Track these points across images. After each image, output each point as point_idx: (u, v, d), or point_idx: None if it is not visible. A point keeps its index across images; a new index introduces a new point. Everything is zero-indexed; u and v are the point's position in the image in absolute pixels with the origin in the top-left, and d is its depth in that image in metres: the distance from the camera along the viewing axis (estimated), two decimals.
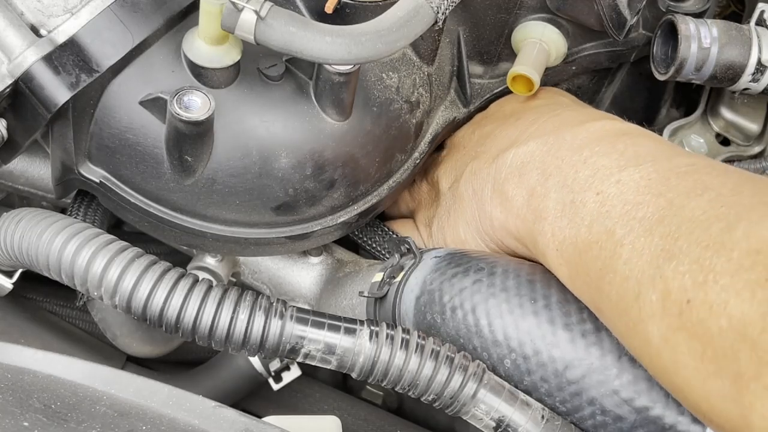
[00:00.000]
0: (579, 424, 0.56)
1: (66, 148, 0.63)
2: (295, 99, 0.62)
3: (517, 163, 0.65)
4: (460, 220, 0.71)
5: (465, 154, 0.75)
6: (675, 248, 0.48)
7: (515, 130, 0.70)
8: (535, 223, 0.61)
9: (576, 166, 0.60)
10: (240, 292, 0.56)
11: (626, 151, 0.58)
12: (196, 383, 0.84)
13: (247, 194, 0.63)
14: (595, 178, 0.57)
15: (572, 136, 0.63)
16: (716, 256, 0.45)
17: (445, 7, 0.57)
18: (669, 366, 0.47)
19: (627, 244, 0.51)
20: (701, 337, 0.44)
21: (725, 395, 0.43)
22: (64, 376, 0.49)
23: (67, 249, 0.56)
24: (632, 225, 0.52)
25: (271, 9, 0.53)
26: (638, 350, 0.51)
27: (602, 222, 0.54)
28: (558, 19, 0.75)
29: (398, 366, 0.55)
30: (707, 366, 0.44)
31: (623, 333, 0.52)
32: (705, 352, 0.44)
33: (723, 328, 0.43)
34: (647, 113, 0.89)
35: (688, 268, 0.46)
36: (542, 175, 0.62)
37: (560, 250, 0.57)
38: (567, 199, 0.58)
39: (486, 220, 0.67)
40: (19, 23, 0.58)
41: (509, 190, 0.64)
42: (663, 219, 0.50)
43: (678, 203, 0.51)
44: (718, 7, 0.92)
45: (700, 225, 0.48)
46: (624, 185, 0.55)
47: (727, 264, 0.44)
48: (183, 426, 0.47)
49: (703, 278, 0.45)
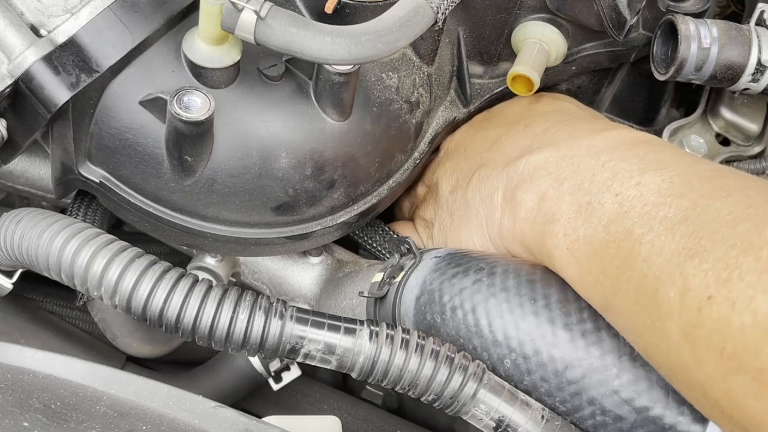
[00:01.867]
0: (579, 424, 0.56)
1: (66, 148, 0.63)
2: (295, 99, 0.62)
3: (529, 170, 0.65)
4: (464, 226, 0.71)
5: (468, 159, 0.75)
6: (698, 247, 0.48)
7: (526, 139, 0.70)
8: (545, 225, 0.60)
9: (593, 169, 0.59)
10: (240, 292, 0.56)
11: (647, 156, 0.58)
12: (196, 383, 0.84)
13: (247, 194, 0.63)
14: (615, 180, 0.57)
15: (588, 143, 0.63)
16: (743, 255, 0.45)
17: (445, 7, 0.57)
18: (688, 362, 0.47)
19: (646, 242, 0.51)
20: (722, 332, 0.44)
21: (746, 392, 0.43)
22: (64, 376, 0.49)
23: (67, 249, 0.56)
24: (652, 224, 0.52)
25: (271, 9, 0.53)
26: (655, 347, 0.51)
27: (621, 222, 0.54)
28: (558, 19, 0.75)
29: (398, 366, 0.55)
30: (727, 362, 0.44)
31: (639, 331, 0.52)
32: (725, 348, 0.44)
33: (746, 324, 0.43)
34: (647, 113, 0.89)
35: (712, 266, 0.46)
36: (556, 180, 0.62)
37: (571, 249, 0.57)
38: (583, 200, 0.58)
39: (494, 228, 0.67)
40: (19, 23, 0.58)
41: (519, 196, 0.64)
42: (686, 219, 0.50)
43: (702, 204, 0.50)
44: (718, 7, 0.92)
45: (725, 225, 0.48)
46: (644, 187, 0.55)
47: (756, 263, 0.44)
48: (183, 426, 0.47)
49: (727, 275, 0.45)
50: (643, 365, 0.54)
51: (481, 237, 0.69)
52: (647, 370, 0.54)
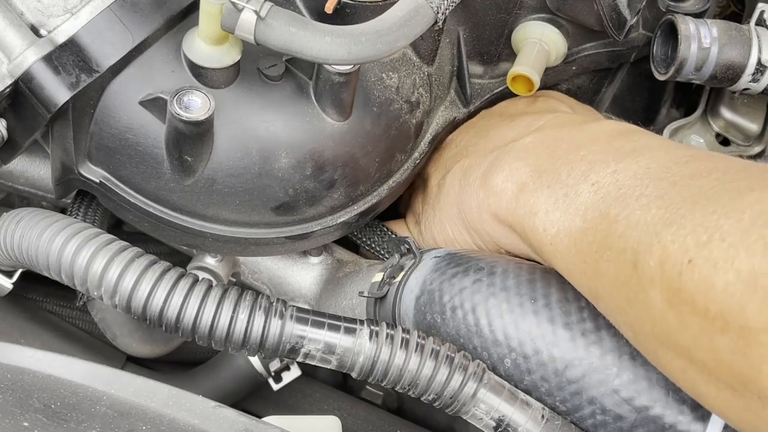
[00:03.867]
0: (579, 424, 0.56)
1: (66, 148, 0.63)
2: (295, 99, 0.62)
3: (509, 159, 0.65)
4: (446, 217, 0.71)
5: (456, 152, 0.75)
6: (676, 216, 0.47)
7: (511, 131, 0.70)
8: (524, 218, 0.60)
9: (572, 163, 0.59)
10: (240, 292, 0.56)
11: (623, 147, 0.58)
12: (196, 383, 0.84)
13: (247, 194, 0.63)
14: (591, 171, 0.57)
15: (570, 136, 0.63)
16: (724, 218, 0.45)
17: (445, 7, 0.57)
18: (674, 328, 0.47)
19: (621, 219, 0.51)
20: (705, 294, 0.44)
21: (733, 349, 0.43)
22: (64, 376, 0.49)
23: (67, 249, 0.56)
24: (628, 202, 0.52)
25: (271, 9, 0.53)
26: (641, 320, 0.50)
27: (596, 207, 0.54)
28: (558, 19, 0.75)
29: (398, 366, 0.55)
30: (713, 323, 0.44)
31: (623, 307, 0.51)
32: (709, 309, 0.44)
33: (730, 282, 0.43)
34: (647, 113, 0.89)
35: (691, 231, 0.46)
36: (535, 172, 0.62)
37: (554, 244, 0.57)
38: (560, 193, 0.58)
39: (474, 212, 0.67)
40: (19, 23, 0.58)
41: (498, 183, 0.64)
42: (664, 195, 0.50)
43: (682, 183, 0.50)
44: (718, 7, 0.92)
45: (707, 196, 0.47)
46: (621, 174, 0.55)
47: (738, 224, 0.44)
48: (183, 426, 0.47)
49: (707, 238, 0.45)
50: (643, 364, 0.54)
51: (462, 225, 0.69)
52: (647, 369, 0.54)
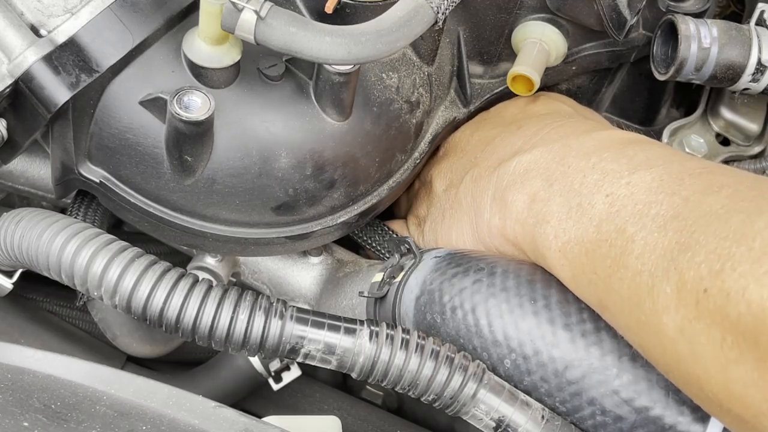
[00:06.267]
0: (579, 424, 0.56)
1: (66, 148, 0.63)
2: (295, 99, 0.62)
3: (519, 171, 0.65)
4: (455, 225, 0.71)
5: (463, 158, 0.75)
6: (691, 240, 0.48)
7: (518, 139, 0.70)
8: (535, 227, 0.60)
9: (584, 171, 0.59)
10: (240, 292, 0.56)
11: (636, 156, 0.58)
12: (196, 383, 0.84)
13: (247, 194, 0.63)
14: (605, 181, 0.57)
15: (579, 144, 0.63)
16: (735, 245, 0.45)
17: (445, 7, 0.57)
18: (686, 356, 0.47)
19: (639, 240, 0.51)
20: (720, 324, 0.44)
21: (746, 381, 0.43)
22: (64, 376, 0.49)
23: (67, 249, 0.56)
24: (644, 222, 0.52)
25: (271, 9, 0.53)
26: (651, 343, 0.50)
27: (612, 221, 0.54)
28: (558, 19, 0.75)
29: (398, 366, 0.55)
30: (727, 353, 0.44)
31: (634, 328, 0.52)
32: (725, 340, 0.44)
33: (742, 314, 0.43)
34: (647, 113, 0.89)
35: (704, 258, 0.46)
36: (546, 182, 0.62)
37: (563, 251, 0.57)
38: (573, 202, 0.58)
39: (483, 227, 0.67)
40: (19, 23, 0.58)
41: (509, 197, 0.64)
42: (678, 215, 0.50)
43: (694, 200, 0.50)
44: (718, 7, 0.92)
45: (718, 218, 0.47)
46: (635, 186, 0.55)
47: (748, 253, 0.44)
48: (183, 426, 0.47)
49: (720, 266, 0.45)
50: (643, 365, 0.54)
51: (471, 237, 0.69)
52: (647, 370, 0.54)
